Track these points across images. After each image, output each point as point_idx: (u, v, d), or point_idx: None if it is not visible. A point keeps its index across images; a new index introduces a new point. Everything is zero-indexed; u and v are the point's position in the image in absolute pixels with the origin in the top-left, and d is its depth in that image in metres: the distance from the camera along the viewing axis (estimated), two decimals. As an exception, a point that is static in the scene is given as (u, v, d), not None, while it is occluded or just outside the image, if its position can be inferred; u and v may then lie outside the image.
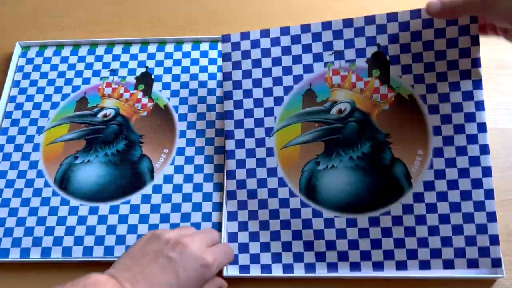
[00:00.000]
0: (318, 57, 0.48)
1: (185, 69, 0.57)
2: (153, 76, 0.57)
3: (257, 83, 0.49)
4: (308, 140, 0.48)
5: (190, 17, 0.63)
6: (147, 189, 0.50)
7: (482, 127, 0.44)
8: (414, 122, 0.46)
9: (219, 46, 0.58)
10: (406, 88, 0.46)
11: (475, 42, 0.44)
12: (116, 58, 0.58)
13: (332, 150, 0.47)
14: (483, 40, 0.50)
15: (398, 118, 0.46)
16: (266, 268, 0.45)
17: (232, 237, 0.47)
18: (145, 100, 0.55)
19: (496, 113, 0.53)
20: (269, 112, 0.49)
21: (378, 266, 0.44)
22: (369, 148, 0.46)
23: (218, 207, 0.49)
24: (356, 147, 0.46)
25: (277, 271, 0.45)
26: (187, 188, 0.50)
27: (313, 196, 0.46)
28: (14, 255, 0.48)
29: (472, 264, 0.43)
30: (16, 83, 0.57)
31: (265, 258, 0.46)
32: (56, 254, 0.48)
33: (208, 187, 0.50)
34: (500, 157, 0.50)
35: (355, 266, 0.44)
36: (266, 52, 0.49)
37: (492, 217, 0.43)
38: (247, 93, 0.49)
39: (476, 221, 0.43)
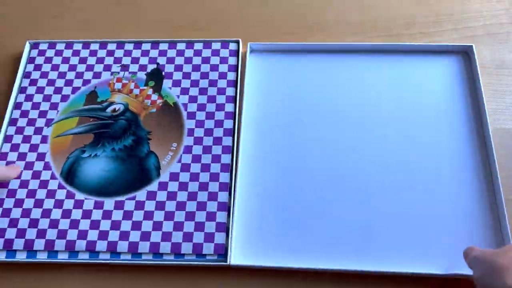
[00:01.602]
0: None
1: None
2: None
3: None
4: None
5: (199, 19, 0.62)
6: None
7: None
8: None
9: (231, 45, 0.58)
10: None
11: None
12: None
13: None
14: (483, 41, 0.58)
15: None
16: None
17: None
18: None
19: (496, 113, 0.53)
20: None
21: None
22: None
23: (224, 207, 0.48)
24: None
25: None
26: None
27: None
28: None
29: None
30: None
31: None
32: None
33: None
34: (500, 157, 0.50)
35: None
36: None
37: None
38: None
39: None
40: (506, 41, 0.58)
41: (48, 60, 0.58)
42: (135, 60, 0.58)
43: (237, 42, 0.58)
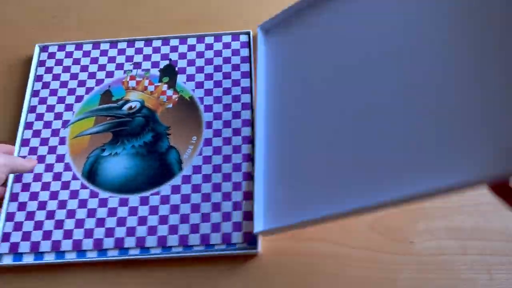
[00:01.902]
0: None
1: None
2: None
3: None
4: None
5: (206, 14, 0.63)
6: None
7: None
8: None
9: (242, 37, 0.58)
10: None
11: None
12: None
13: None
14: None
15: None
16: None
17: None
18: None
19: None
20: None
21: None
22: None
23: (249, 196, 0.49)
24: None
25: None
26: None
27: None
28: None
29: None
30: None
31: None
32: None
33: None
34: None
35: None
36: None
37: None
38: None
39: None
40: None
41: (59, 62, 0.58)
42: (147, 58, 0.58)
43: (248, 33, 0.58)
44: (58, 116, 0.55)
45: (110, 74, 0.57)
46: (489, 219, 0.48)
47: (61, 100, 0.55)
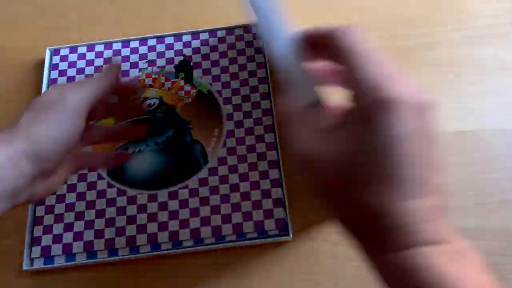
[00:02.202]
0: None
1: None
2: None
3: None
4: None
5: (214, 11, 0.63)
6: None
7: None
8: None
9: (254, 29, 0.59)
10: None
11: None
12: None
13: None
14: (483, 41, 0.57)
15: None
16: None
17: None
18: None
19: (496, 113, 0.53)
20: None
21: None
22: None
23: (276, 183, 0.49)
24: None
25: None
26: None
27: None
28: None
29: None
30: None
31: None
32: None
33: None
34: (500, 156, 0.50)
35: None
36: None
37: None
38: None
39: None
40: (506, 41, 0.57)
41: (72, 64, 0.58)
42: (160, 55, 0.58)
43: (259, 25, 0.59)
44: None
45: (125, 73, 0.57)
46: (489, 219, 0.48)
47: None
